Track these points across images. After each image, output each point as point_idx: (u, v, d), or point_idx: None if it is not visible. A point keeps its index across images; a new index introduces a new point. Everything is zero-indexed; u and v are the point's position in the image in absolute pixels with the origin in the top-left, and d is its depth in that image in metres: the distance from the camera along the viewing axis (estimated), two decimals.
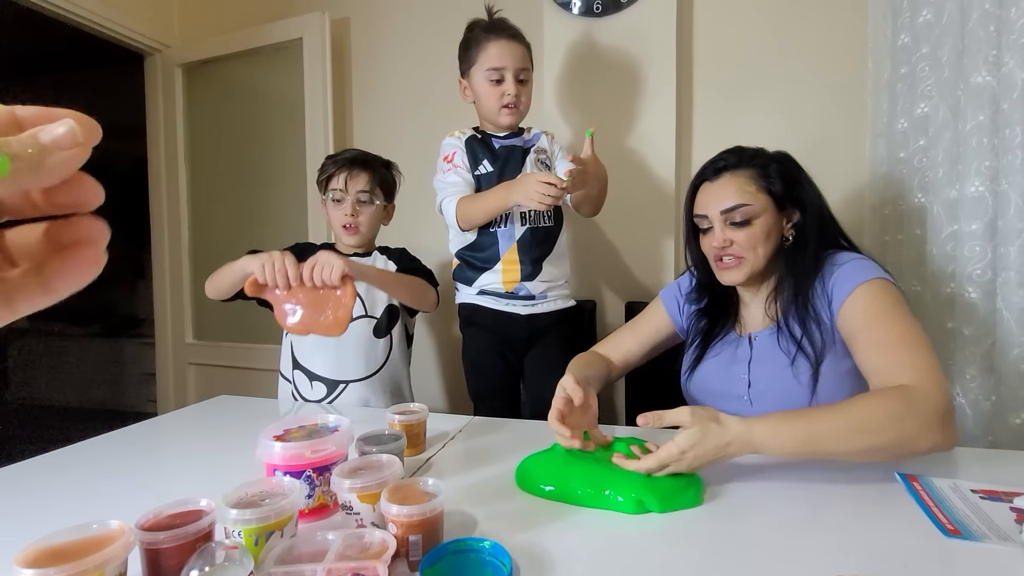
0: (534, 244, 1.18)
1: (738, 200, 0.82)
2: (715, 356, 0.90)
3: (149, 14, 2.03)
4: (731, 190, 0.82)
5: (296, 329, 0.93)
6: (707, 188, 0.86)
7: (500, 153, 1.20)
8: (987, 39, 0.93)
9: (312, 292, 0.91)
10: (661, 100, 1.50)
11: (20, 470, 0.77)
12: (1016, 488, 0.62)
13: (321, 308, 0.92)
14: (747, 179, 0.83)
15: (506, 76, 1.14)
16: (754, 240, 0.82)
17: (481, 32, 1.16)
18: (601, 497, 0.62)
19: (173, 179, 2.10)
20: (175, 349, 2.15)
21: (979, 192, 0.96)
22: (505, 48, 1.13)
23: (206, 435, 0.96)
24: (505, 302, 1.19)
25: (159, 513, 0.49)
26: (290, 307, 0.92)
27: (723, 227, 0.83)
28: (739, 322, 0.92)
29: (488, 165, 1.19)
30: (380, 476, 0.55)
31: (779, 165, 0.84)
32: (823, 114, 1.46)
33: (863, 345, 0.73)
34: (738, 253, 0.83)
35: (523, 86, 1.16)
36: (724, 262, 0.85)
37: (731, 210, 0.82)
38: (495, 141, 1.21)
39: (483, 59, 1.15)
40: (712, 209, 0.84)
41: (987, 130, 0.94)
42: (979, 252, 0.97)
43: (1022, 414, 0.89)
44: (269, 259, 0.89)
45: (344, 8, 1.89)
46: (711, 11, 1.53)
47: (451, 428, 0.92)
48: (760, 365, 0.84)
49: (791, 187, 0.83)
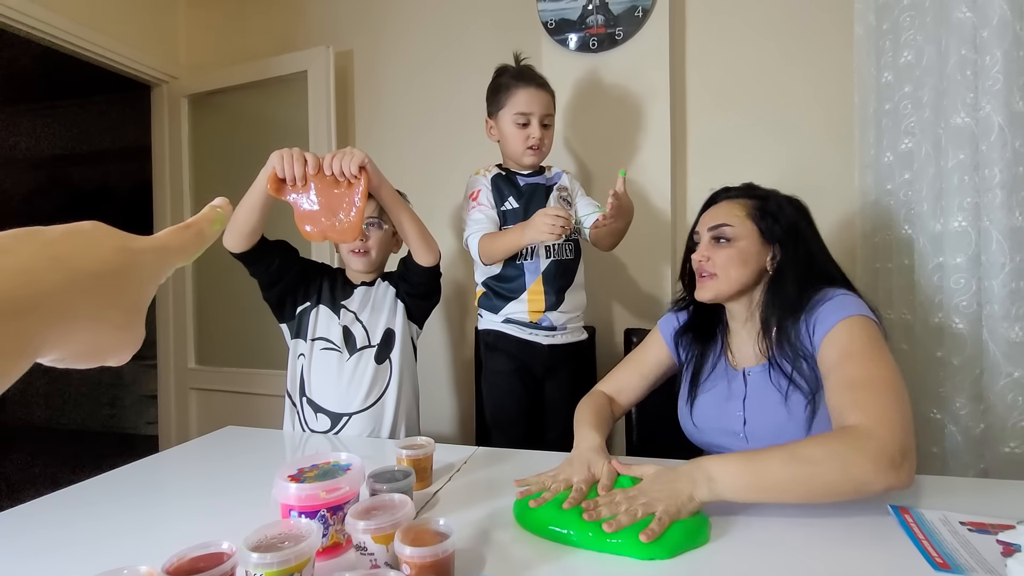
0: (558, 275, 1.26)
1: (723, 220, 0.88)
2: (711, 390, 0.92)
3: (156, 47, 2.08)
4: (722, 212, 0.90)
5: (313, 235, 0.96)
6: (708, 210, 0.94)
7: (525, 190, 1.29)
8: (965, 83, 0.97)
9: (328, 191, 0.95)
10: (656, 133, 1.55)
11: (27, 511, 0.77)
12: (1005, 519, 0.65)
13: (335, 209, 0.95)
14: (739, 206, 0.90)
15: (532, 121, 1.23)
16: (729, 260, 0.87)
17: (511, 79, 1.25)
18: (605, 543, 0.62)
19: (178, 205, 2.14)
20: (177, 374, 2.17)
21: (962, 227, 1.00)
22: (533, 95, 1.23)
23: (215, 470, 0.98)
24: (529, 331, 1.26)
25: (183, 556, 0.51)
26: (306, 208, 0.95)
27: (707, 243, 0.90)
28: (731, 352, 0.94)
29: (514, 201, 1.28)
30: (393, 517, 0.57)
31: (778, 205, 0.89)
32: (813, 144, 1.51)
33: (831, 383, 0.74)
34: (711, 270, 0.88)
35: (546, 130, 1.25)
36: (700, 278, 0.90)
37: (715, 227, 0.89)
38: (520, 179, 1.30)
39: (512, 104, 1.23)
40: (702, 226, 0.92)
41: (968, 168, 0.99)
42: (964, 284, 1.01)
43: (1011, 443, 0.92)
44: (288, 152, 0.95)
45: (348, 41, 1.96)
46: (703, 48, 1.59)
47: (456, 460, 0.94)
48: (754, 401, 0.86)
49: (779, 225, 0.87)
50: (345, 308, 1.19)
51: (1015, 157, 0.89)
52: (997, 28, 0.89)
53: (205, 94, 2.09)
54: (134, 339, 0.27)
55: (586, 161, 1.61)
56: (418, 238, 1.13)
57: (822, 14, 1.48)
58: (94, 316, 0.24)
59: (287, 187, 0.96)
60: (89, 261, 0.24)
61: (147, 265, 0.27)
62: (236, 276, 1.13)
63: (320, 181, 0.96)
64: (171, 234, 0.30)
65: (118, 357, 0.27)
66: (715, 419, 0.90)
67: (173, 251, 0.30)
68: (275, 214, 1.05)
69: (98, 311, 0.24)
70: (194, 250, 0.31)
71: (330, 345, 1.18)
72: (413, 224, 1.13)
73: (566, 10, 1.58)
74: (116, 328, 0.25)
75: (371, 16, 1.94)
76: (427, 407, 1.72)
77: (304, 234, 0.96)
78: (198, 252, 0.32)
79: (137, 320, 0.27)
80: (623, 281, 1.61)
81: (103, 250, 0.25)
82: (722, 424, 0.89)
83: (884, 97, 1.25)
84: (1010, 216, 0.90)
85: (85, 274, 0.24)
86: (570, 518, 0.65)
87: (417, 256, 1.15)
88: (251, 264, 1.13)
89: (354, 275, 1.24)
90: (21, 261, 0.21)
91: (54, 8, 1.71)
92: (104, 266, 0.25)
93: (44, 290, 0.21)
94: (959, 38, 0.98)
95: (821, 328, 0.79)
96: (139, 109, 2.32)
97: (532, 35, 1.65)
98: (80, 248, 0.24)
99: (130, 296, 0.26)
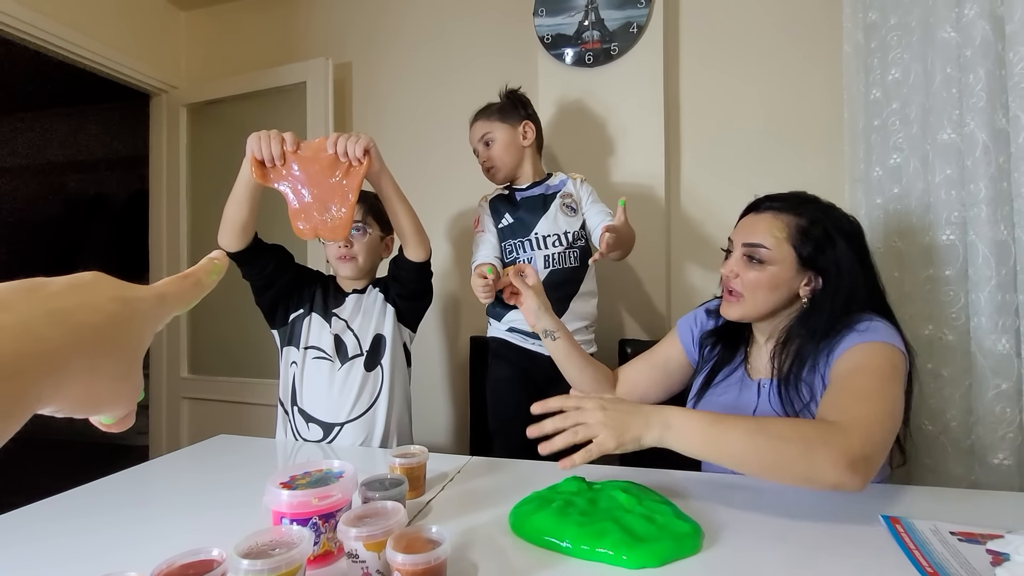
0: (558, 285, 1.27)
1: (760, 240, 0.82)
2: (722, 395, 0.90)
3: (157, 57, 2.10)
4: (761, 227, 0.83)
5: (305, 232, 0.95)
6: (749, 217, 0.87)
7: (520, 203, 1.33)
8: (950, 100, 1.00)
9: (323, 181, 0.94)
10: (650, 147, 1.57)
11: (14, 519, 0.76)
12: (994, 529, 0.65)
13: (327, 201, 0.95)
14: (783, 225, 0.82)
15: (478, 148, 1.35)
16: (758, 284, 0.82)
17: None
18: (595, 552, 0.62)
19: (174, 213, 2.14)
20: (169, 383, 2.15)
21: (950, 240, 1.02)
22: (471, 131, 1.37)
23: (206, 478, 0.97)
24: (532, 341, 1.27)
25: (172, 563, 0.51)
26: (298, 201, 0.95)
27: (739, 258, 0.84)
28: (749, 362, 0.92)
29: (509, 217, 1.32)
30: (386, 524, 0.57)
31: (824, 232, 0.81)
32: (804, 158, 1.53)
33: (831, 388, 0.74)
34: (739, 289, 0.84)
35: (489, 147, 1.33)
36: (726, 295, 0.86)
37: (750, 246, 0.83)
38: (517, 193, 1.34)
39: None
40: (738, 237, 0.85)
41: (955, 183, 1.01)
42: (952, 296, 1.02)
43: (1000, 454, 0.92)
44: (264, 133, 0.96)
45: (347, 53, 1.98)
46: (697, 63, 1.62)
47: (450, 469, 0.94)
48: (765, 415, 0.84)
49: (824, 256, 0.80)
50: (336, 316, 1.19)
51: (999, 172, 0.91)
52: (980, 48, 0.91)
53: (203, 104, 2.11)
54: (131, 389, 0.27)
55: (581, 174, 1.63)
56: (412, 231, 1.13)
57: (812, 33, 1.52)
58: (91, 368, 0.24)
59: (270, 172, 0.96)
60: (89, 315, 0.24)
61: (145, 314, 0.28)
62: (231, 285, 1.13)
63: (315, 168, 0.95)
64: (170, 283, 0.31)
65: (115, 408, 0.27)
66: None
67: (171, 300, 0.30)
68: (274, 219, 1.06)
69: (95, 362, 0.24)
70: (191, 299, 0.32)
71: (322, 354, 1.17)
72: (409, 216, 1.12)
73: (562, 25, 1.61)
74: (113, 379, 0.25)
75: (370, 29, 1.96)
76: (420, 417, 1.71)
77: (297, 231, 0.96)
78: (195, 301, 0.32)
79: (134, 370, 0.27)
80: (618, 294, 1.62)
81: (103, 302, 0.25)
82: None
83: (873, 113, 1.27)
84: (995, 230, 0.92)
85: (85, 328, 0.23)
86: (565, 528, 0.65)
87: (409, 249, 1.15)
88: (245, 265, 1.13)
89: (345, 283, 1.24)
90: (20, 317, 0.21)
91: (55, 17, 1.73)
92: (104, 319, 0.25)
93: (43, 348, 0.21)
94: (944, 57, 1.00)
95: (840, 348, 0.77)
96: (137, 118, 2.34)
97: (529, 50, 1.68)
98: (80, 302, 0.24)
99: (128, 346, 0.26)
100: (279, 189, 0.96)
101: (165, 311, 0.30)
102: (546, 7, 1.63)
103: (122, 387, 0.26)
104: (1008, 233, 0.91)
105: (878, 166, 1.26)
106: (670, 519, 0.67)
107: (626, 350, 1.38)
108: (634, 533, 0.63)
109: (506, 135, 1.32)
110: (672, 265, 1.62)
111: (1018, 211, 0.87)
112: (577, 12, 1.60)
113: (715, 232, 1.59)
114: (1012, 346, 0.93)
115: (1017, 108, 0.85)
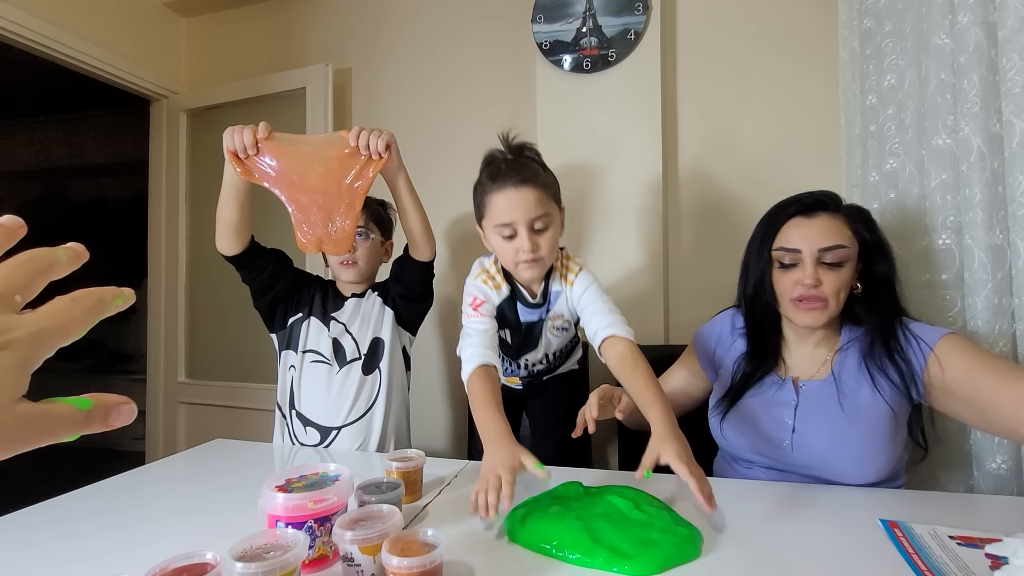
0: (540, 374, 1.21)
1: (838, 240, 0.83)
2: (755, 396, 0.90)
3: (157, 63, 2.11)
4: (831, 228, 0.84)
5: (308, 245, 0.94)
6: (800, 223, 0.86)
7: (522, 330, 1.09)
8: (945, 106, 1.00)
9: (334, 186, 0.93)
10: (648, 153, 1.58)
11: (8, 524, 0.76)
12: (992, 533, 0.65)
13: (332, 210, 0.93)
14: (843, 222, 0.85)
15: (518, 230, 0.94)
16: (840, 284, 0.83)
17: (487, 180, 0.96)
18: (593, 560, 0.61)
19: (173, 219, 2.14)
20: (166, 387, 2.14)
21: (946, 245, 1.03)
22: (512, 200, 0.93)
23: (201, 482, 0.96)
24: (504, 380, 1.20)
25: (166, 566, 0.51)
26: (299, 216, 0.93)
27: (815, 265, 0.83)
28: (781, 364, 0.92)
29: (510, 337, 1.11)
30: (381, 528, 0.57)
31: (859, 214, 0.88)
32: (801, 163, 1.54)
33: (983, 370, 0.77)
34: (823, 295, 0.83)
35: (541, 235, 0.95)
36: (806, 303, 0.84)
37: (829, 249, 0.82)
38: (521, 312, 1.07)
39: (491, 213, 0.96)
40: (808, 244, 0.83)
41: (950, 188, 1.01)
42: (949, 301, 1.02)
43: (998, 459, 0.92)
44: (239, 126, 0.96)
45: (346, 59, 1.99)
46: (694, 70, 1.63)
47: (446, 473, 0.93)
48: (809, 412, 0.85)
49: (875, 235, 0.87)
50: (335, 320, 1.19)
51: (994, 177, 0.91)
52: (974, 54, 0.92)
53: (203, 109, 2.11)
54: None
55: (578, 183, 1.63)
56: (422, 230, 1.14)
57: (808, 39, 1.53)
58: None
59: (248, 166, 0.96)
60: None
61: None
62: (229, 290, 1.13)
63: (324, 171, 0.94)
64: (53, 314, 0.25)
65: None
66: (760, 424, 0.88)
67: (54, 335, 0.25)
68: (272, 224, 1.06)
69: None
70: (86, 325, 0.26)
71: (320, 358, 1.17)
72: (421, 215, 1.14)
73: (560, 32, 1.63)
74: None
75: (370, 35, 1.98)
76: (420, 421, 1.71)
77: (300, 245, 0.96)
78: (90, 326, 0.27)
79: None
80: (616, 300, 1.61)
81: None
82: (765, 430, 0.88)
83: (869, 119, 1.28)
84: (991, 234, 0.92)
85: None
86: (562, 533, 0.65)
87: (416, 249, 1.16)
88: (243, 268, 1.13)
89: (345, 287, 1.24)
90: None
91: (58, 23, 1.74)
92: None
93: None
94: (938, 63, 1.01)
95: (926, 344, 0.82)
96: (137, 123, 2.35)
97: (527, 56, 1.69)
98: None
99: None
100: (277, 195, 0.96)
101: (39, 352, 0.24)
102: (544, 14, 1.64)
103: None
104: (1003, 237, 0.92)
105: (874, 171, 1.26)
106: (669, 525, 0.66)
107: None
108: (633, 539, 0.63)
109: (559, 222, 0.99)
110: (670, 271, 1.63)
111: (1013, 215, 0.87)
112: (575, 19, 1.61)
113: (713, 238, 1.60)
114: (1009, 350, 0.93)
115: (1011, 113, 0.85)
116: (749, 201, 1.54)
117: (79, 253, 0.28)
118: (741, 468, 0.92)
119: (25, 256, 0.26)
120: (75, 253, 0.27)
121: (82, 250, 0.28)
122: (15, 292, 0.25)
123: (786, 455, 0.85)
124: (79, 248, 0.28)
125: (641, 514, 0.69)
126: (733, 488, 0.84)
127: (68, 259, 0.27)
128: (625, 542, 0.63)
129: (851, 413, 0.82)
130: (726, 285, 1.01)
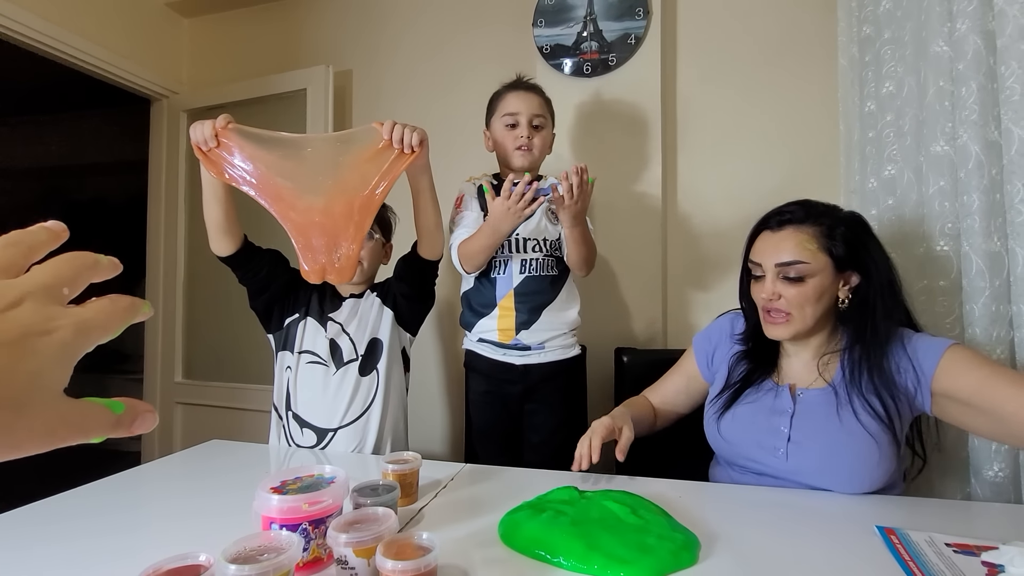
0: (533, 292, 1.22)
1: (795, 256, 0.82)
2: (752, 402, 0.90)
3: (159, 63, 2.12)
4: (790, 244, 0.83)
5: (312, 273, 0.92)
6: (767, 237, 0.87)
7: None
8: (943, 113, 1.01)
9: (324, 208, 0.90)
10: (648, 156, 1.58)
11: (2, 523, 0.75)
12: (988, 541, 0.65)
13: (338, 236, 0.90)
14: (809, 236, 0.83)
15: (520, 121, 1.23)
16: (804, 299, 0.82)
17: (504, 88, 1.28)
18: (588, 567, 0.61)
19: (172, 218, 2.14)
20: (163, 387, 2.14)
21: (944, 251, 1.03)
22: (521, 97, 1.24)
23: (196, 483, 0.96)
24: (502, 352, 1.23)
25: (159, 568, 0.50)
26: (301, 240, 0.90)
27: (775, 279, 0.84)
28: (778, 371, 0.93)
29: None
30: (376, 530, 0.57)
31: (846, 227, 0.84)
32: (800, 169, 1.54)
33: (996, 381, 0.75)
34: (785, 309, 0.83)
35: (537, 131, 1.24)
36: (771, 316, 0.85)
37: (786, 265, 0.83)
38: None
39: (501, 107, 1.25)
40: (767, 259, 0.85)
41: (948, 195, 1.01)
42: (947, 308, 1.02)
43: (995, 466, 0.92)
44: (202, 121, 0.96)
45: (347, 61, 1.99)
46: (694, 74, 1.64)
47: (443, 476, 0.93)
48: (805, 421, 0.84)
49: (854, 250, 0.83)
50: (332, 320, 1.19)
51: (992, 184, 0.92)
52: (972, 62, 0.92)
53: (204, 109, 2.11)
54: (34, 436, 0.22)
55: None
56: (435, 228, 1.15)
57: (808, 46, 1.54)
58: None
59: (218, 165, 0.94)
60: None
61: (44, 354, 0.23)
62: (226, 290, 1.13)
63: (333, 184, 0.92)
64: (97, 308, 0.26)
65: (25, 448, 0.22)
66: (754, 431, 0.88)
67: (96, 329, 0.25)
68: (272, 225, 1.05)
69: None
70: (121, 324, 0.27)
71: (316, 358, 1.17)
72: (436, 214, 1.14)
73: (561, 36, 1.63)
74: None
75: (371, 37, 1.98)
76: (417, 424, 1.70)
77: (304, 274, 0.93)
78: (123, 327, 0.27)
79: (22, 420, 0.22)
80: (614, 302, 1.62)
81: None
82: (759, 437, 0.87)
83: (868, 126, 1.28)
84: (989, 241, 0.92)
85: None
86: (556, 538, 0.65)
87: (426, 247, 1.17)
88: (238, 269, 1.13)
89: (343, 287, 1.23)
90: None
91: (60, 22, 1.74)
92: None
93: None
94: (937, 70, 1.01)
95: (928, 360, 0.80)
96: (137, 123, 2.34)
97: (528, 60, 1.69)
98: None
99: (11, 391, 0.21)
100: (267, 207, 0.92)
101: (83, 342, 0.25)
102: (545, 18, 1.64)
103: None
104: (1001, 244, 0.92)
105: (873, 177, 1.27)
106: (666, 530, 0.66)
107: (622, 358, 1.37)
108: (629, 545, 0.62)
109: (550, 133, 1.29)
110: (668, 274, 1.63)
111: (1011, 223, 0.87)
112: (576, 23, 1.62)
113: (712, 242, 1.60)
114: (1007, 357, 0.93)
115: (1009, 121, 0.86)
116: (748, 207, 1.53)
117: (116, 264, 0.30)
118: (735, 474, 0.92)
119: (71, 254, 0.27)
120: (112, 263, 0.29)
121: (119, 263, 0.30)
122: (63, 285, 0.25)
123: (780, 463, 0.85)
124: (116, 260, 0.30)
125: (638, 519, 0.68)
126: (730, 494, 0.84)
127: (107, 265, 0.29)
128: (621, 548, 0.62)
129: (848, 424, 0.81)
130: (724, 290, 1.02)
